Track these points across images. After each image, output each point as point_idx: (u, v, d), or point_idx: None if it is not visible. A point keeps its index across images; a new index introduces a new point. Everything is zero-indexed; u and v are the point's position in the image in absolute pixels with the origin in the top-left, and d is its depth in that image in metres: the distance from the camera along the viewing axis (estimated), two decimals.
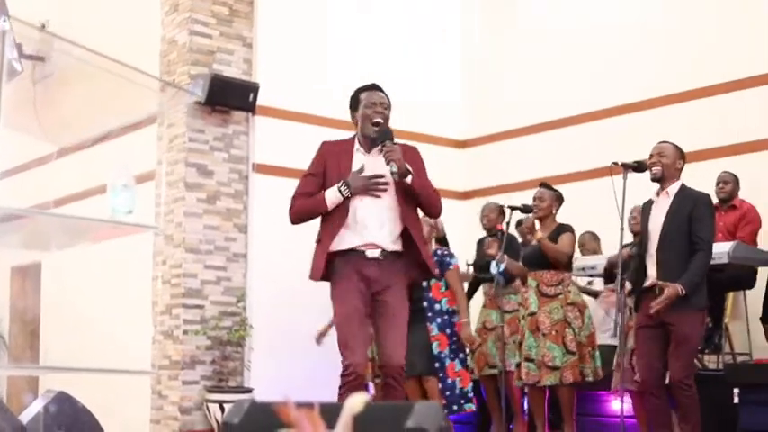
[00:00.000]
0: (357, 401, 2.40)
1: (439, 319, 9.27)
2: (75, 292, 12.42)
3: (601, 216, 8.35)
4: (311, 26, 11.77)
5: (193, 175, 10.81)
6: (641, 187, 7.49)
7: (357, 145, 6.39)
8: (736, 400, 7.53)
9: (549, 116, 11.83)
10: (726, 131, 10.22)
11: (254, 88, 10.98)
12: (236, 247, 11.05)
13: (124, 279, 11.66)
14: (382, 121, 6.31)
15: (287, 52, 11.52)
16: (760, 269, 9.11)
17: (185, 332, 10.56)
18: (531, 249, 8.62)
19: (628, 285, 7.49)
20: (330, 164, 6.33)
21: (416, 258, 6.33)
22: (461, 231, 11.03)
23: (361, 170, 6.16)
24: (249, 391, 10.50)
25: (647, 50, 11.07)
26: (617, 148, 9.67)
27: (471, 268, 10.33)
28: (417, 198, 6.24)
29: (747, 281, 9.20)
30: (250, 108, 11.04)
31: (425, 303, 9.23)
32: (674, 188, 7.27)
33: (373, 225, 6.20)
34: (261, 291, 11.04)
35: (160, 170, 11.01)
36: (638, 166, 7.34)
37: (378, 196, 6.17)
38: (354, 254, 6.18)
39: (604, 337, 9.35)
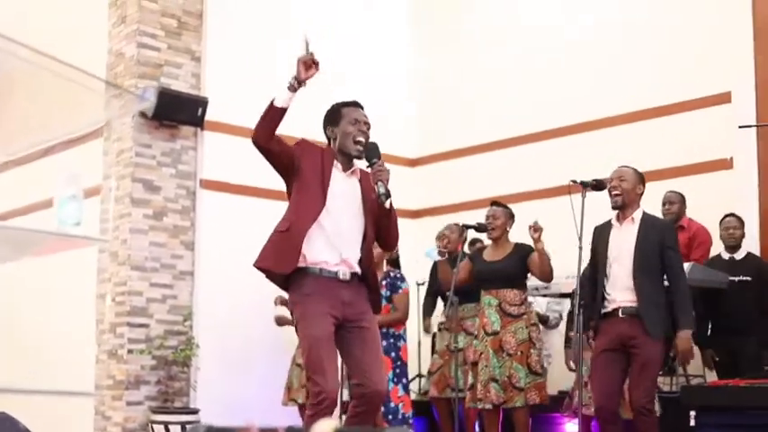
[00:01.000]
0: (326, 427, 2.24)
1: (384, 342, 9.03)
2: (16, 309, 12.14)
3: (556, 236, 8.23)
4: (261, 40, 11.62)
5: (140, 191, 10.60)
6: (600, 206, 7.37)
7: (335, 161, 6.01)
8: (692, 422, 7.42)
9: (502, 134, 11.75)
10: (673, 152, 10.23)
11: (202, 103, 10.80)
12: (182, 264, 10.85)
13: (67, 297, 11.42)
14: (364, 140, 5.99)
15: (236, 66, 11.36)
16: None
17: (130, 351, 10.32)
18: (490, 267, 8.48)
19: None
20: (309, 163, 5.95)
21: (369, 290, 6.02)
22: (413, 250, 10.88)
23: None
24: (195, 412, 10.32)
25: (600, 70, 11.03)
26: (570, 167, 9.62)
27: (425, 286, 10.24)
28: (387, 225, 5.95)
29: (696, 303, 9.09)
30: (198, 123, 10.86)
31: None
32: (637, 214, 7.19)
33: (350, 241, 5.87)
34: (208, 309, 10.84)
35: (106, 185, 10.78)
36: (598, 185, 7.24)
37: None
38: (327, 273, 5.79)
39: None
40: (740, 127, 8.62)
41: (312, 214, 5.78)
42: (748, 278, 8.77)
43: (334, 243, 5.80)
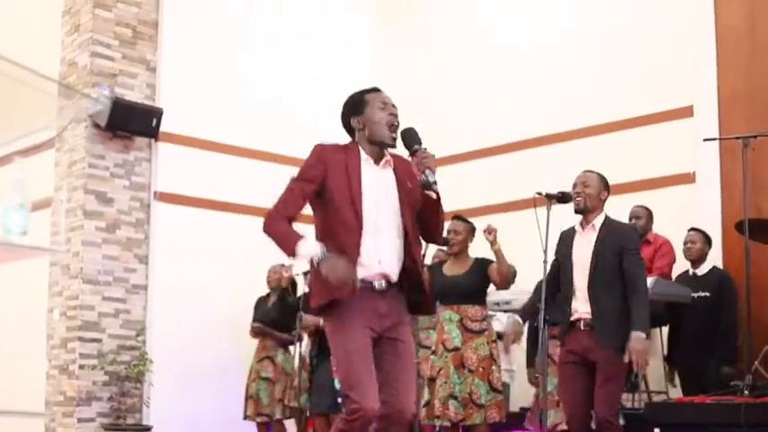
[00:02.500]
0: None
1: None
2: None
3: (521, 250, 8.10)
4: (217, 51, 11.50)
5: (92, 203, 10.45)
6: (567, 219, 7.24)
7: (364, 155, 5.26)
8: None
9: (466, 147, 11.61)
10: (636, 165, 10.13)
11: (157, 113, 10.65)
12: (136, 278, 10.71)
13: (17, 311, 11.20)
14: (398, 124, 5.30)
15: (192, 77, 11.22)
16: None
17: (81, 367, 10.15)
18: (451, 281, 8.33)
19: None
20: (334, 174, 5.17)
21: (415, 291, 5.32)
22: None
23: (343, 259, 4.97)
24: (148, 429, 10.23)
25: (564, 83, 10.95)
26: (533, 180, 9.45)
27: None
28: (435, 217, 5.27)
29: (664, 317, 9.02)
30: (153, 134, 10.71)
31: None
32: (598, 220, 7.04)
33: (389, 242, 5.17)
34: (161, 324, 10.70)
35: (58, 197, 10.58)
36: (563, 197, 7.08)
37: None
38: (362, 284, 5.02)
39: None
40: (704, 140, 8.52)
41: (353, 231, 5.10)
42: (707, 294, 8.66)
43: (372, 249, 5.12)
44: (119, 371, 10.25)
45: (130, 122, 10.51)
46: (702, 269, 8.82)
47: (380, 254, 5.13)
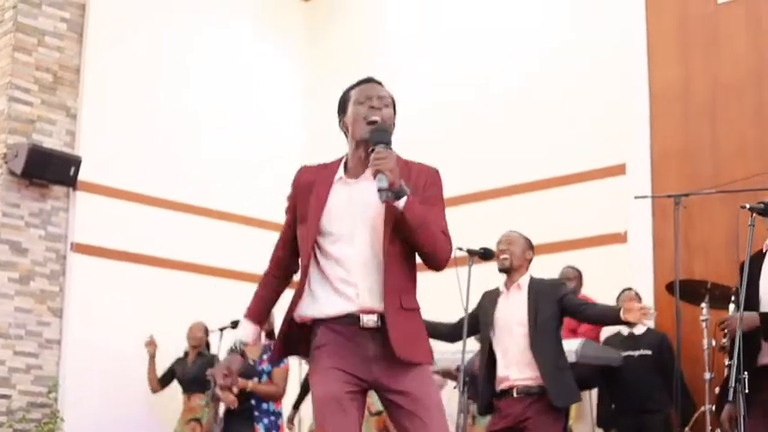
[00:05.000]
0: None
1: (266, 420, 8.66)
2: None
3: (440, 308, 7.81)
4: (140, 99, 11.30)
5: (6, 253, 10.17)
6: (488, 278, 7.00)
7: (342, 170, 4.39)
8: None
9: None
10: (572, 224, 10.04)
11: (75, 161, 10.43)
12: (49, 332, 10.38)
13: None
14: (380, 119, 4.32)
15: (113, 125, 11.01)
16: None
17: None
18: None
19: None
20: (301, 198, 4.37)
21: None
22: None
23: (231, 362, 4.37)
24: None
25: (494, 140, 10.83)
26: (459, 237, 9.22)
27: None
28: (408, 234, 4.15)
29: (592, 381, 8.81)
30: (71, 182, 10.48)
31: (253, 401, 8.53)
32: (524, 280, 6.82)
33: (365, 271, 4.20)
34: (75, 381, 10.37)
35: None
36: (485, 253, 6.85)
37: None
38: (344, 321, 4.20)
39: None
40: (636, 197, 8.34)
41: (305, 255, 4.29)
42: (649, 352, 8.45)
43: (344, 279, 4.21)
44: (28, 429, 9.95)
45: (48, 170, 10.26)
46: (640, 328, 8.61)
47: (356, 280, 4.18)
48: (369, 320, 4.14)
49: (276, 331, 8.65)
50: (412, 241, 4.16)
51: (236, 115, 12.19)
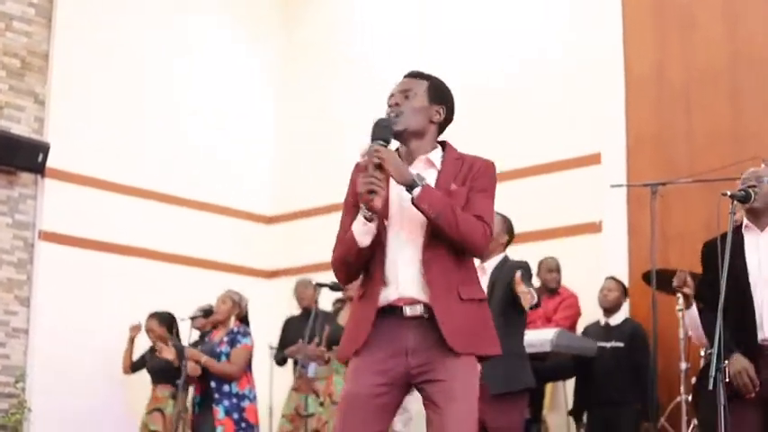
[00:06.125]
0: None
1: (226, 402, 8.48)
2: None
3: None
4: (110, 85, 11.13)
5: None
6: None
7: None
8: None
9: None
10: (546, 213, 9.95)
11: (44, 148, 10.27)
12: (16, 321, 10.23)
13: None
14: (394, 114, 4.34)
15: (83, 111, 10.84)
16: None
17: None
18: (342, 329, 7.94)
19: None
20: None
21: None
22: (267, 312, 10.34)
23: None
24: None
25: (469, 129, 10.59)
26: None
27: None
28: (433, 225, 4.09)
29: (568, 370, 8.76)
30: (39, 170, 10.33)
31: (213, 384, 8.42)
32: (491, 263, 6.70)
33: (406, 262, 4.18)
34: (43, 370, 10.20)
35: None
36: None
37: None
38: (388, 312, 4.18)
39: None
40: (612, 186, 8.26)
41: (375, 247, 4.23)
42: (620, 344, 8.37)
43: (389, 268, 4.20)
44: None
45: (15, 157, 10.12)
46: (616, 319, 8.57)
47: (397, 270, 4.19)
48: (412, 310, 4.13)
49: (247, 316, 8.65)
50: (436, 230, 4.12)
51: (207, 103, 12.04)
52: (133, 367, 9.96)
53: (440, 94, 4.49)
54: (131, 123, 11.22)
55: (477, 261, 6.45)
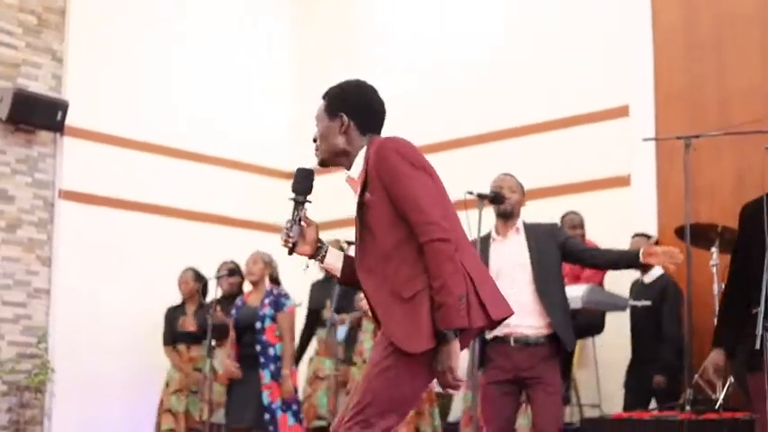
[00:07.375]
0: None
1: (272, 366, 8.43)
2: None
3: None
4: (128, 41, 11.03)
5: None
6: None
7: None
8: None
9: None
10: (574, 167, 9.87)
11: (62, 106, 10.15)
12: (38, 281, 10.17)
13: None
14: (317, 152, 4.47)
15: (100, 69, 10.74)
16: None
17: None
18: None
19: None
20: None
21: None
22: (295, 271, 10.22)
23: None
24: None
25: (496, 82, 10.64)
26: (463, 181, 9.04)
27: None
28: None
29: (597, 327, 8.69)
30: (58, 128, 10.21)
31: (258, 347, 8.34)
32: (520, 223, 6.62)
33: None
34: (65, 331, 10.18)
35: None
36: (496, 197, 6.61)
37: None
38: None
39: None
40: (644, 140, 8.17)
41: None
42: (648, 303, 8.24)
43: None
44: (18, 380, 9.77)
45: (34, 115, 10.01)
46: (651, 276, 8.38)
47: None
48: None
49: (278, 277, 8.60)
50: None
51: (226, 59, 11.93)
52: (172, 343, 9.82)
53: (335, 104, 4.45)
54: (150, 80, 11.13)
55: (504, 223, 6.41)
